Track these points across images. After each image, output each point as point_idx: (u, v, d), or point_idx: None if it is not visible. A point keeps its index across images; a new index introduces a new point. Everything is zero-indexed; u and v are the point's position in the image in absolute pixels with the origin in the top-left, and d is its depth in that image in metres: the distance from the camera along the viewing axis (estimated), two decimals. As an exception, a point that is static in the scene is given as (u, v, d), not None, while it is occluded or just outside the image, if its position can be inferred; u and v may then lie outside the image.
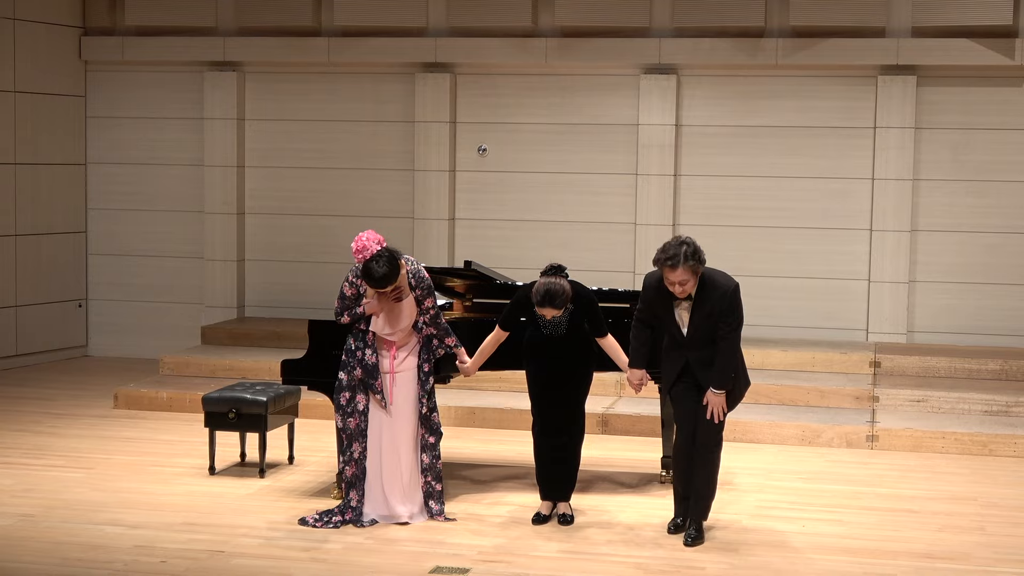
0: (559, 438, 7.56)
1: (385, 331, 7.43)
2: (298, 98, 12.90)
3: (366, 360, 7.44)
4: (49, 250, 12.96)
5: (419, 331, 7.53)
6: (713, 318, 7.05)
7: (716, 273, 7.13)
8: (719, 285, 7.08)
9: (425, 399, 7.52)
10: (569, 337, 7.48)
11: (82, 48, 13.13)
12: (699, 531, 7.22)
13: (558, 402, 7.53)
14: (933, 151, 11.81)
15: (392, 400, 7.46)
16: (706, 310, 7.05)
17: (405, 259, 7.42)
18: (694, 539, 7.17)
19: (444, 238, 12.54)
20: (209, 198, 12.99)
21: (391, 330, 7.43)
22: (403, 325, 7.44)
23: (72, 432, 9.93)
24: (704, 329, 7.08)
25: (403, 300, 7.40)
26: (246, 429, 8.61)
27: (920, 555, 7.06)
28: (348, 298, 7.43)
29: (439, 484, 7.62)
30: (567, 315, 7.45)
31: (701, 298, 7.06)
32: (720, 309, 7.04)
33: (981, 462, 9.31)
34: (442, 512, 7.58)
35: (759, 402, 10.40)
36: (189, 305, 13.13)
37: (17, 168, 12.57)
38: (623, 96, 12.27)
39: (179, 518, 7.59)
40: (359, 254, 7.23)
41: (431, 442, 7.58)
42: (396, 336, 7.44)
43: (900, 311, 11.83)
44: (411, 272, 7.45)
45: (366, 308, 7.38)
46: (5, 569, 6.65)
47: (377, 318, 7.40)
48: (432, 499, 7.58)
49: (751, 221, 12.14)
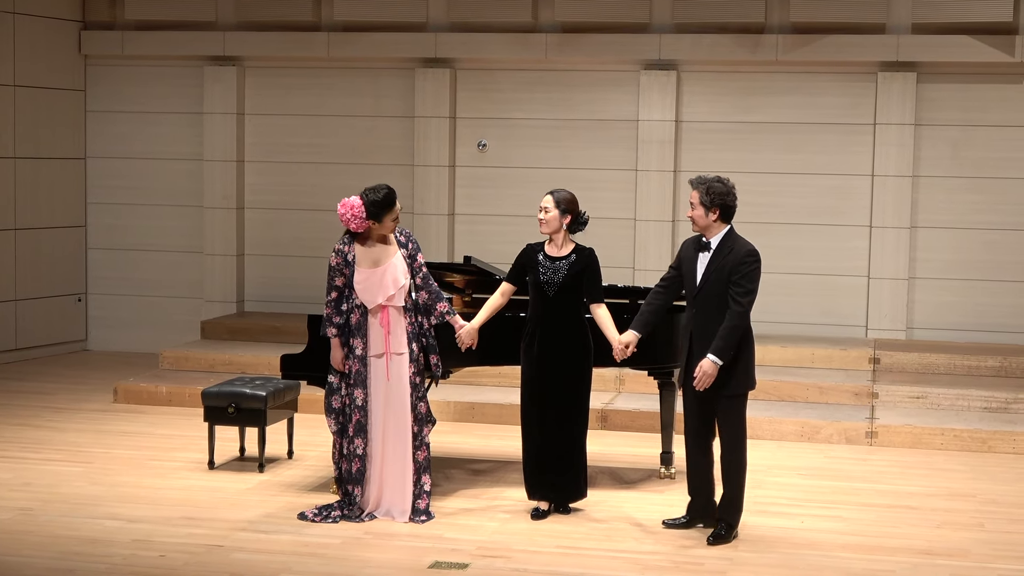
0: None
1: (377, 299, 7.39)
2: (298, 93, 12.90)
3: (356, 349, 7.43)
4: (48, 244, 12.96)
5: (408, 311, 7.49)
6: (725, 277, 7.04)
7: (743, 239, 7.17)
8: (740, 245, 7.11)
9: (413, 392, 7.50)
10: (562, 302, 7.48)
11: (82, 42, 13.13)
12: (727, 531, 7.20)
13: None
14: (933, 148, 11.81)
15: (390, 377, 7.43)
16: (721, 263, 7.06)
17: (406, 230, 7.52)
18: (717, 538, 7.15)
19: (444, 233, 12.54)
20: (209, 193, 12.99)
21: (381, 299, 7.39)
22: (390, 292, 7.39)
23: (71, 426, 9.94)
24: (715, 284, 7.05)
25: (388, 247, 7.39)
26: (245, 424, 8.62)
27: (919, 551, 7.07)
28: (333, 269, 7.43)
29: (429, 482, 7.60)
30: (567, 264, 7.48)
31: (720, 251, 7.09)
32: (733, 268, 7.03)
33: (980, 459, 9.32)
34: (427, 512, 7.54)
35: (758, 398, 10.39)
36: (188, 300, 13.14)
37: (17, 162, 12.57)
38: (623, 92, 12.27)
39: (178, 512, 7.60)
40: (346, 213, 7.32)
41: (425, 438, 7.56)
42: (385, 302, 7.39)
43: (900, 307, 11.84)
44: (400, 230, 7.48)
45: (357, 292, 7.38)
46: (4, 563, 6.66)
47: (364, 291, 7.37)
48: (420, 499, 7.55)
49: (750, 217, 12.06)
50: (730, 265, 7.04)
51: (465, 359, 8.02)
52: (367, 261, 7.41)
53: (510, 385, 10.58)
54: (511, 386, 10.55)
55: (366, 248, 7.43)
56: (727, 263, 7.05)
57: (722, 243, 7.11)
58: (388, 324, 7.43)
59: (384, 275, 7.39)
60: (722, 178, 7.21)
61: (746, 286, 7.01)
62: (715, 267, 7.08)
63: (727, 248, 7.09)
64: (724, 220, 7.15)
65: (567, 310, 7.51)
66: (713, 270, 7.08)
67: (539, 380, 7.55)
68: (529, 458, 7.64)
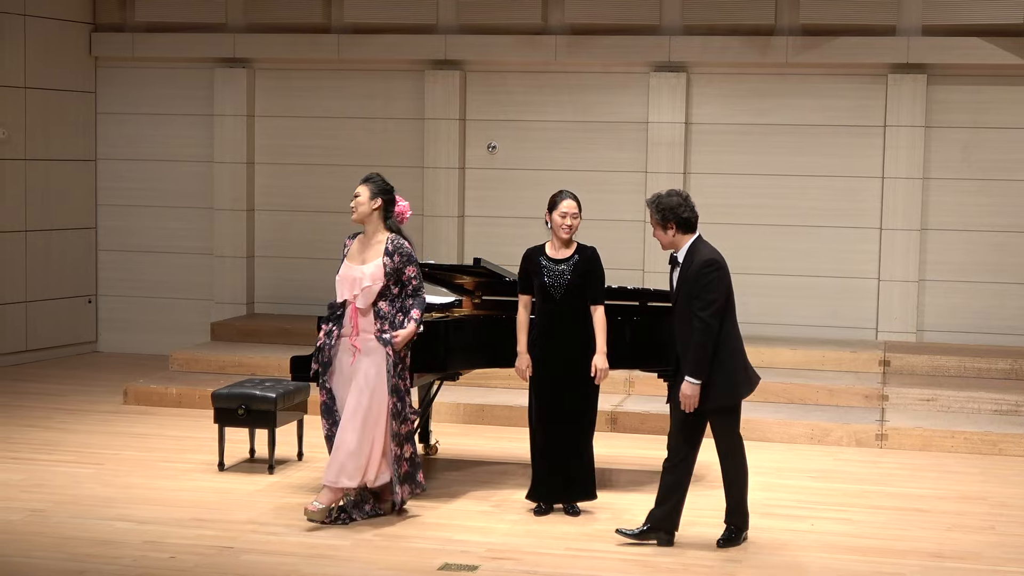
0: None
1: (344, 294, 7.45)
2: (308, 95, 12.93)
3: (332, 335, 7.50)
4: (59, 246, 13.00)
5: (381, 317, 7.46)
6: (686, 291, 6.86)
7: (706, 247, 6.94)
8: (700, 256, 6.87)
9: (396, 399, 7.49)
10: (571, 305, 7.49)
11: (92, 44, 13.16)
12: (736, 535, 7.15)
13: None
14: (943, 150, 11.81)
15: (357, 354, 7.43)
16: (685, 276, 6.89)
17: (399, 241, 7.46)
18: (727, 541, 7.12)
19: (453, 235, 12.56)
20: (219, 194, 13.03)
21: (347, 294, 7.44)
22: (362, 286, 7.40)
23: (82, 428, 9.97)
24: (684, 299, 6.86)
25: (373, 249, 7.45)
26: (255, 425, 8.63)
27: (929, 554, 7.07)
28: None
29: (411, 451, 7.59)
30: (571, 266, 7.49)
31: (685, 264, 6.91)
32: (692, 280, 6.83)
33: (991, 461, 9.32)
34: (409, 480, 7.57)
35: (768, 400, 10.40)
36: (198, 301, 13.17)
37: (27, 164, 12.61)
38: (633, 94, 12.28)
39: (188, 514, 7.62)
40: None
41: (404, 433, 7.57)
42: (351, 299, 7.43)
43: (910, 310, 11.83)
44: (392, 239, 7.47)
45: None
46: (14, 564, 6.68)
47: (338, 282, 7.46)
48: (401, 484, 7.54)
49: (760, 219, 12.15)
50: (691, 278, 6.86)
51: (473, 361, 8.03)
52: (355, 257, 7.53)
53: (519, 387, 10.57)
54: (520, 388, 10.55)
55: (359, 245, 7.55)
56: (689, 276, 6.87)
57: (687, 255, 6.91)
58: (356, 321, 7.47)
59: (355, 273, 7.45)
60: (675, 190, 7.02)
61: (705, 298, 6.78)
62: (682, 281, 6.90)
63: (689, 260, 6.89)
64: (685, 231, 6.92)
65: (574, 311, 7.52)
66: (681, 284, 6.91)
67: (547, 381, 7.57)
68: (537, 460, 7.65)
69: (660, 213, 6.90)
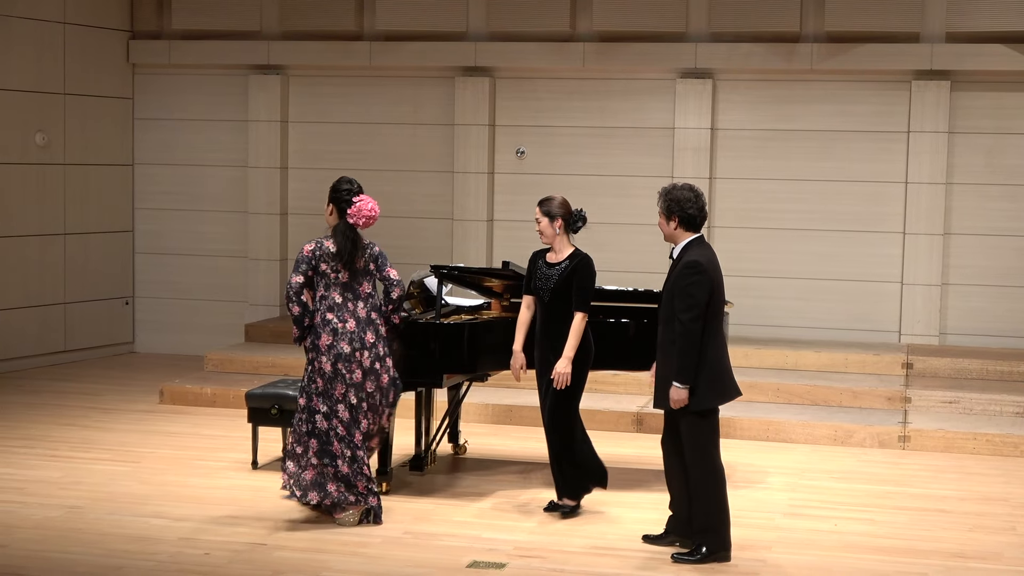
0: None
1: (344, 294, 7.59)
2: (340, 101, 13.06)
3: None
4: (97, 249, 13.16)
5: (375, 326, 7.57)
6: (669, 290, 6.75)
7: (699, 249, 6.79)
8: (688, 256, 6.73)
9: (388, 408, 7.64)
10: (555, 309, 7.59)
11: (130, 51, 13.33)
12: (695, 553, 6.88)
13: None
14: (966, 155, 11.85)
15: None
16: (670, 276, 6.80)
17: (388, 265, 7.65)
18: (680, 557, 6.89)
19: (482, 239, 12.67)
20: (253, 199, 13.17)
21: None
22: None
23: (119, 426, 10.08)
24: (666, 298, 6.76)
25: None
26: (288, 425, 8.72)
27: (951, 555, 7.10)
28: None
29: None
30: (559, 272, 7.58)
31: (674, 263, 6.81)
32: (676, 281, 6.70)
33: (1013, 463, 9.33)
34: None
35: (792, 402, 10.50)
36: (233, 303, 13.31)
37: (66, 168, 12.79)
38: (659, 100, 12.37)
39: (222, 511, 7.71)
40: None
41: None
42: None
43: (932, 313, 11.88)
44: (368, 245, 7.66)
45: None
46: (53, 559, 6.79)
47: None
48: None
49: (785, 224, 12.22)
50: (675, 277, 6.73)
51: (502, 363, 8.14)
52: None
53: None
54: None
55: None
56: (674, 275, 6.76)
57: (680, 254, 6.78)
58: None
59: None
60: (691, 186, 6.88)
61: (685, 300, 6.62)
62: (668, 282, 6.79)
63: (680, 259, 6.76)
64: (687, 228, 6.80)
65: (559, 315, 7.59)
66: (668, 284, 6.79)
67: (539, 381, 7.73)
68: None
69: (667, 204, 6.82)
